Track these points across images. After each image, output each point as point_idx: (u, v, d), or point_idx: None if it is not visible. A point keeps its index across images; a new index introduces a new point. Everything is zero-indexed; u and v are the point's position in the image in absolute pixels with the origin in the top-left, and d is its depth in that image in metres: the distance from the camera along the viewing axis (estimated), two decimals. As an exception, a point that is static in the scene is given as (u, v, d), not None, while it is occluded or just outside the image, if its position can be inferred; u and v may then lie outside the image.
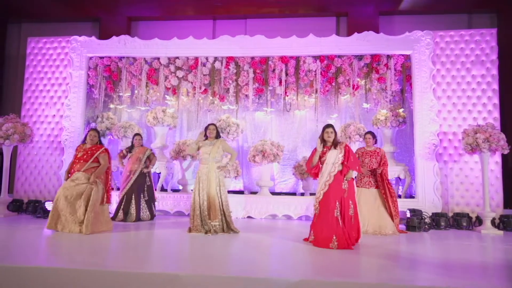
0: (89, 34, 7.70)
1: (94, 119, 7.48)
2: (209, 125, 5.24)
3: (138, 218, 5.94)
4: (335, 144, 4.36)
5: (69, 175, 4.85)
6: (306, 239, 4.47)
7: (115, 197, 6.41)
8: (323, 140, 4.41)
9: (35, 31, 8.49)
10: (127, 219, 5.91)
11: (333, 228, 4.13)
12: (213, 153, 5.04)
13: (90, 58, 7.37)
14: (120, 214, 5.95)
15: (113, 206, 6.72)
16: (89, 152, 4.89)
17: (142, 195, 6.05)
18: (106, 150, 5.02)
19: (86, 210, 4.62)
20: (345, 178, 4.31)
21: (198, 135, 5.26)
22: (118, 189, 6.68)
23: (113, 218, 5.95)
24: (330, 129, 4.39)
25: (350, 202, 4.32)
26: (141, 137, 6.42)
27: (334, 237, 4.11)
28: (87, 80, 7.33)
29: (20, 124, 6.37)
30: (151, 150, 6.41)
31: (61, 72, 7.60)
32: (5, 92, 8.62)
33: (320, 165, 4.42)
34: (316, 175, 4.49)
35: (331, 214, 4.17)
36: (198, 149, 5.16)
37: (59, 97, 7.53)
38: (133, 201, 5.98)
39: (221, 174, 5.14)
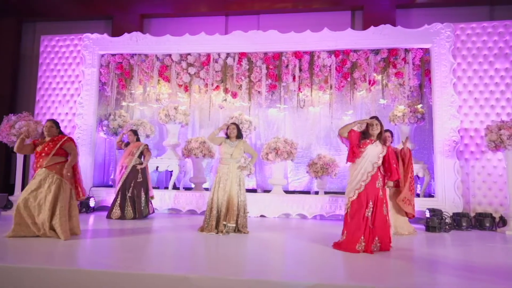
0: (102, 32, 7.69)
1: (106, 116, 7.47)
2: (231, 124, 5.14)
3: (135, 215, 5.77)
4: (384, 140, 4.08)
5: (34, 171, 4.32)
6: (336, 243, 4.11)
7: (114, 194, 6.25)
8: (367, 133, 4.06)
9: (49, 29, 8.55)
10: (126, 216, 5.76)
11: (362, 228, 3.89)
12: (235, 154, 4.97)
13: (102, 55, 7.35)
14: (117, 210, 5.79)
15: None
16: (50, 143, 4.30)
17: (128, 191, 5.81)
18: (71, 138, 4.48)
19: (53, 215, 4.18)
20: (386, 186, 4.08)
21: (216, 130, 5.13)
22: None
23: (109, 216, 5.81)
24: (375, 121, 4.02)
25: (385, 201, 4.06)
26: (134, 133, 6.23)
27: (362, 238, 3.87)
28: (99, 78, 7.31)
29: (33, 122, 6.38)
30: (146, 145, 6.20)
31: (73, 70, 7.61)
32: (19, 90, 8.70)
33: (358, 157, 4.01)
34: (351, 158, 4.05)
35: (362, 214, 3.91)
36: (220, 144, 5.05)
37: (72, 95, 7.53)
38: (127, 198, 5.81)
39: (242, 174, 5.05)
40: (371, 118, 4.12)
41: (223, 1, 8.09)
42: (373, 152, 3.98)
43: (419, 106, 6.75)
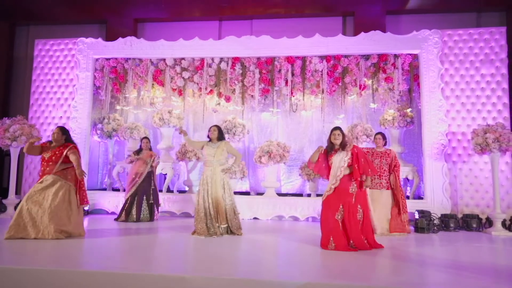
0: (96, 36, 7.73)
1: (100, 120, 7.51)
2: (211, 126, 5.18)
3: (138, 219, 5.96)
4: (343, 146, 4.27)
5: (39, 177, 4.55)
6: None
7: (121, 198, 6.41)
8: (331, 143, 4.34)
9: (42, 33, 8.55)
10: (129, 219, 5.96)
11: (331, 230, 4.10)
12: (217, 155, 4.97)
13: (97, 59, 7.40)
14: (123, 215, 6.02)
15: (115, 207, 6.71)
16: (57, 152, 4.55)
17: (145, 198, 6.06)
18: (74, 146, 4.65)
19: (68, 218, 4.40)
20: (364, 186, 4.24)
21: (184, 136, 5.23)
22: (124, 190, 6.70)
23: (117, 219, 6.05)
24: (337, 131, 4.30)
25: (359, 206, 4.21)
26: (149, 140, 6.42)
27: (331, 239, 4.08)
28: (94, 82, 7.36)
29: (27, 126, 6.41)
30: (158, 155, 6.43)
31: (68, 73, 7.65)
32: (13, 94, 8.68)
33: (329, 172, 4.34)
34: (323, 174, 4.44)
35: (331, 216, 4.14)
36: (202, 148, 5.10)
37: (66, 99, 7.57)
38: (135, 202, 6.01)
39: (226, 176, 5.05)
40: (334, 128, 4.37)
41: (217, 6, 8.20)
42: (338, 158, 4.24)
43: (409, 110, 6.92)
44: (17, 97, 8.63)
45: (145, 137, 6.47)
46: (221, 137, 5.11)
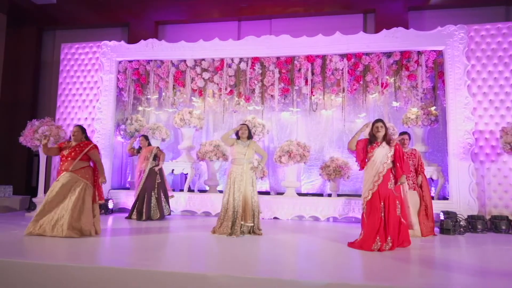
0: (118, 39, 7.92)
1: (123, 121, 7.68)
2: (242, 125, 5.18)
3: (148, 217, 6.00)
4: (388, 141, 4.16)
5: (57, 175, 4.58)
6: (351, 242, 4.23)
7: (131, 197, 6.57)
8: (373, 135, 4.21)
9: (67, 37, 8.85)
10: (140, 218, 6.01)
11: (378, 229, 3.99)
12: (248, 154, 5.00)
13: (120, 62, 7.57)
14: (135, 213, 6.10)
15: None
16: (77, 149, 4.56)
17: (152, 193, 6.09)
18: (95, 146, 4.70)
19: (79, 216, 4.40)
20: (399, 183, 4.15)
21: (231, 130, 5.19)
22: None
23: (129, 217, 6.13)
24: (380, 124, 4.17)
25: (397, 202, 4.12)
26: (145, 138, 6.44)
27: (378, 238, 3.97)
28: (117, 84, 7.54)
29: (55, 127, 6.63)
30: (158, 147, 6.40)
31: (92, 76, 7.87)
32: (40, 96, 9.02)
33: (367, 161, 4.20)
34: (361, 166, 4.27)
35: (377, 215, 4.02)
36: (232, 145, 5.10)
37: (91, 101, 7.79)
38: (145, 200, 6.07)
39: (254, 175, 5.09)
40: (376, 121, 4.24)
41: (236, 6, 8.25)
42: (381, 154, 4.11)
43: (433, 108, 6.74)
44: (45, 99, 8.96)
45: (142, 135, 6.49)
46: (250, 136, 5.16)
